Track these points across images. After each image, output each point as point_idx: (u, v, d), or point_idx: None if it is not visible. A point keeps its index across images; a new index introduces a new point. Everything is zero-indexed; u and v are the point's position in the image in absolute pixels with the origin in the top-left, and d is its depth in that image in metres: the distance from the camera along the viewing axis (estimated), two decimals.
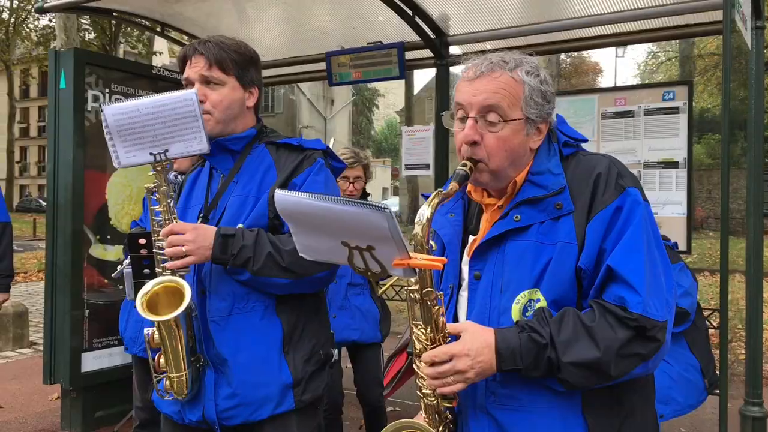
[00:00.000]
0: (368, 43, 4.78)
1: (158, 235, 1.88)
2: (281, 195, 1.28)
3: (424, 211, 1.32)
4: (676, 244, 3.52)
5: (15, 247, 4.18)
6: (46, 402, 5.01)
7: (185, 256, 1.83)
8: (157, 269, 1.91)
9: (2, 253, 3.83)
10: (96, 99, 4.31)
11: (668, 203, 3.86)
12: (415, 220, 1.31)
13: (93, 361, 4.33)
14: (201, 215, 1.98)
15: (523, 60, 1.47)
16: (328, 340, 2.06)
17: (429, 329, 1.38)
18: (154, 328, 1.89)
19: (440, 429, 1.48)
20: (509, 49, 4.46)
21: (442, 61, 4.62)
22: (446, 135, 4.69)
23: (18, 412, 4.88)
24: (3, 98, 43.09)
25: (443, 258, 1.32)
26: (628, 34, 4.17)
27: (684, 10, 3.73)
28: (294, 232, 1.35)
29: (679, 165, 3.85)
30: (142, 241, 2.18)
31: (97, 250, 4.33)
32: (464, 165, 1.42)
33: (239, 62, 1.97)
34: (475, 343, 1.35)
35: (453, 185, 1.40)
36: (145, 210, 3.45)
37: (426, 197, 1.41)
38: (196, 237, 1.84)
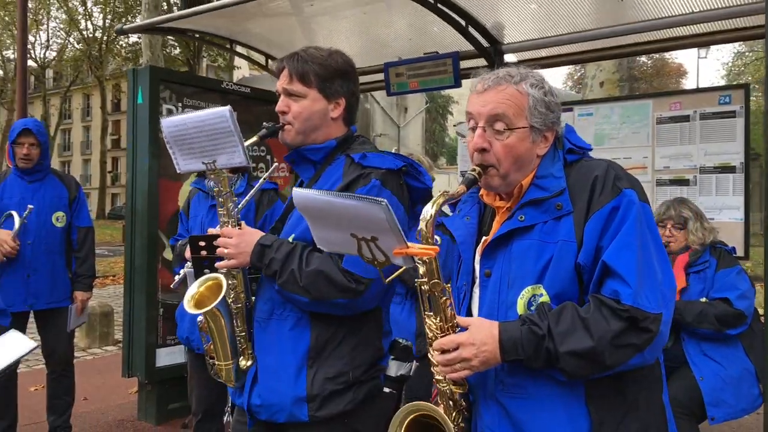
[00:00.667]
0: (425, 54, 4.92)
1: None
2: (297, 192, 1.44)
3: (429, 210, 1.45)
4: (733, 249, 3.49)
5: (105, 252, 4.55)
6: (126, 395, 5.38)
7: (229, 259, 1.95)
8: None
9: (85, 255, 4.17)
10: (170, 112, 4.64)
11: (725, 208, 3.81)
12: (420, 217, 1.45)
13: (166, 356, 4.65)
14: (279, 219, 2.09)
15: (528, 74, 1.59)
16: (367, 365, 1.96)
17: (438, 319, 1.51)
18: (204, 318, 2.03)
19: (454, 415, 1.60)
20: (566, 54, 4.54)
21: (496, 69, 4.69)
22: None
23: (100, 403, 5.27)
24: (97, 111, 45.83)
25: (436, 247, 1.44)
26: (700, 36, 4.06)
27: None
28: (312, 227, 1.50)
29: (736, 170, 3.79)
30: (202, 243, 2.41)
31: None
32: (473, 170, 1.55)
33: (322, 75, 1.98)
34: (479, 334, 1.47)
35: (460, 188, 1.53)
36: (181, 223, 3.69)
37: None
38: (239, 242, 1.93)
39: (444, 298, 1.49)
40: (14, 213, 3.82)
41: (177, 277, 3.01)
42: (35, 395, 5.09)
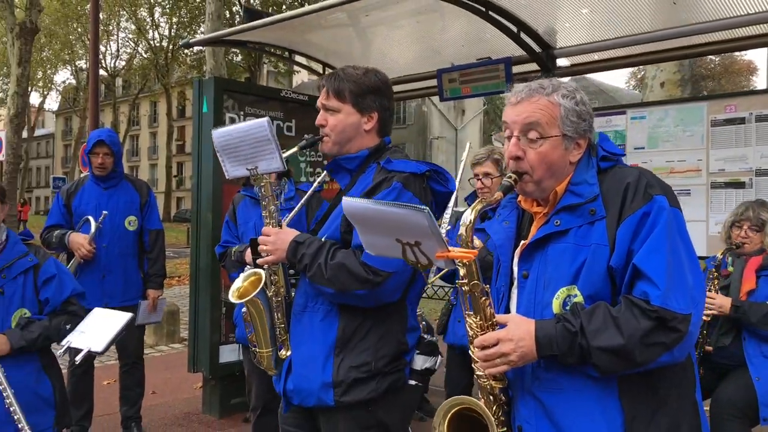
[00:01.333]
0: (477, 59, 5.00)
1: None
2: (347, 201, 1.58)
3: (468, 216, 1.57)
4: None
5: (171, 254, 4.81)
6: (191, 390, 5.65)
7: (268, 255, 2.16)
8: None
9: (156, 256, 4.44)
10: (233, 121, 4.87)
11: None
12: (461, 223, 1.56)
13: (229, 353, 4.87)
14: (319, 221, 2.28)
15: (560, 85, 1.68)
16: (389, 357, 2.10)
17: (479, 318, 1.62)
18: (246, 308, 2.25)
19: (494, 409, 1.71)
20: (619, 57, 4.54)
21: (549, 74, 4.74)
22: None
23: (167, 397, 5.56)
24: (163, 118, 47.46)
25: (474, 251, 1.55)
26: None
27: None
28: (360, 233, 1.64)
29: None
30: None
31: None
32: (509, 177, 1.65)
33: (355, 91, 2.15)
34: (517, 331, 1.57)
35: (498, 194, 1.63)
36: (228, 230, 3.90)
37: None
38: (276, 240, 2.14)
39: (483, 298, 1.60)
40: (91, 218, 4.11)
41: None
42: (109, 388, 5.40)
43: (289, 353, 2.22)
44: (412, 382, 2.21)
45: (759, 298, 3.28)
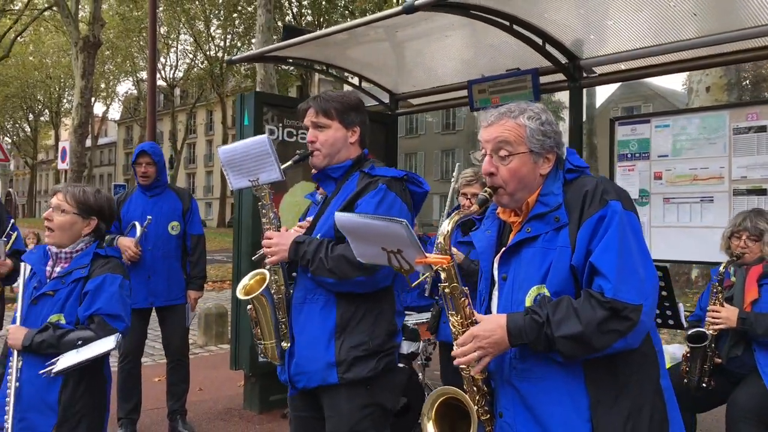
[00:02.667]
0: (507, 71, 5.15)
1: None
2: (339, 215, 1.82)
3: (446, 226, 1.77)
4: None
5: (224, 258, 5.11)
6: (235, 387, 5.95)
7: (272, 256, 2.42)
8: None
9: (197, 259, 4.76)
10: (272, 132, 5.15)
11: None
12: (438, 232, 1.76)
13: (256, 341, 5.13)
14: (309, 225, 2.54)
15: (527, 108, 1.91)
16: (383, 337, 2.38)
17: (459, 317, 1.81)
18: (252, 307, 2.46)
19: (478, 398, 1.89)
20: (646, 67, 4.61)
21: (575, 83, 4.85)
22: (580, 152, 4.89)
23: (213, 394, 5.87)
24: (218, 126, 48.78)
25: (448, 256, 1.77)
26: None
27: None
28: (351, 241, 1.87)
29: None
30: None
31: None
32: (485, 191, 1.86)
33: (340, 109, 2.48)
34: (489, 325, 1.78)
35: (474, 207, 1.84)
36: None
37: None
38: (278, 242, 2.41)
39: (463, 298, 1.79)
40: (137, 223, 4.45)
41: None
42: (158, 385, 5.73)
43: (289, 345, 2.45)
44: (400, 365, 2.44)
45: (763, 307, 3.33)
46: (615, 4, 4.23)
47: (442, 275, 1.78)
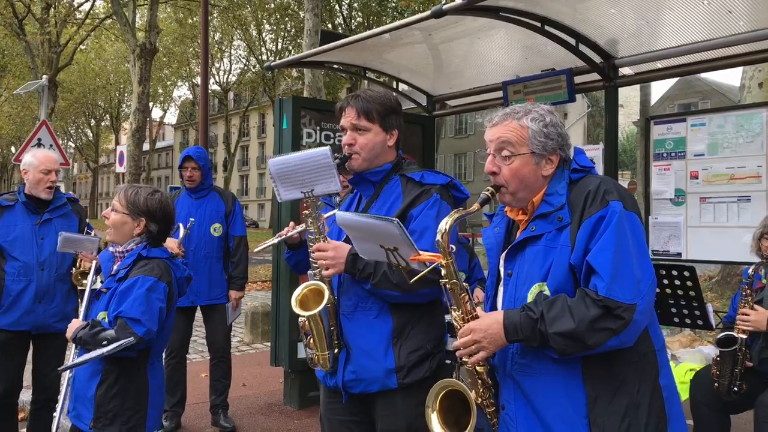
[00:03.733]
0: (542, 71, 5.15)
1: (311, 249, 2.44)
2: (339, 214, 1.90)
3: (444, 224, 1.84)
4: None
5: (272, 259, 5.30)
6: (277, 383, 6.11)
7: (328, 268, 2.37)
8: (310, 272, 2.50)
9: (239, 260, 4.93)
10: (309, 135, 5.30)
11: None
12: (437, 230, 1.83)
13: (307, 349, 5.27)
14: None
15: (531, 110, 1.94)
16: (437, 339, 2.43)
17: (460, 311, 1.88)
18: (306, 319, 2.43)
19: (482, 391, 1.96)
20: (681, 65, 4.55)
21: (610, 83, 4.82)
22: (615, 152, 4.88)
23: (256, 389, 6.06)
24: (270, 129, 49.51)
25: (439, 254, 1.83)
26: None
27: None
28: (353, 240, 1.95)
29: None
30: None
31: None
32: (487, 190, 1.92)
33: (381, 112, 2.44)
34: (486, 320, 1.84)
35: (475, 205, 1.90)
36: None
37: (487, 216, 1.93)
38: (335, 254, 2.35)
39: (462, 294, 1.86)
40: (180, 225, 4.65)
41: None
42: (204, 380, 5.93)
43: (338, 351, 2.45)
44: (447, 362, 2.48)
45: None
46: (648, 2, 4.20)
47: (443, 271, 1.85)
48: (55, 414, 2.67)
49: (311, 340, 2.47)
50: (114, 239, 2.83)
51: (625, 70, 4.90)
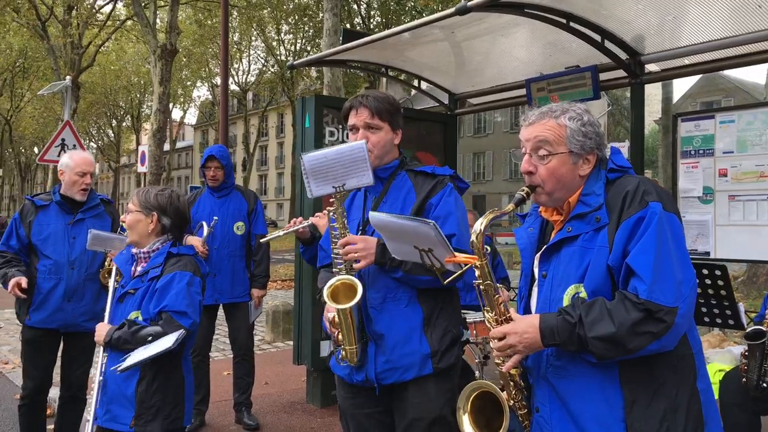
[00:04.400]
0: (566, 68, 5.10)
1: (335, 245, 2.47)
2: (374, 215, 1.88)
3: (479, 225, 1.81)
4: None
5: (293, 258, 5.31)
6: (299, 382, 6.13)
7: (357, 261, 2.41)
8: (333, 270, 2.50)
9: (261, 258, 4.94)
10: (332, 134, 5.29)
11: None
12: (472, 230, 1.81)
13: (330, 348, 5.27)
14: (360, 228, 2.58)
15: (569, 109, 1.90)
16: (458, 324, 2.58)
17: (494, 313, 1.85)
18: (335, 313, 2.46)
19: (514, 393, 1.93)
20: (710, 61, 4.48)
21: (636, 80, 4.76)
22: (642, 150, 4.81)
23: (278, 388, 6.07)
24: (289, 129, 49.81)
25: (475, 256, 1.80)
26: None
27: None
28: (386, 241, 1.94)
29: None
30: None
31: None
32: (522, 190, 1.89)
33: (391, 111, 2.58)
34: (522, 324, 1.81)
35: (510, 206, 1.87)
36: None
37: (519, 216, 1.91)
38: (365, 246, 2.41)
39: (496, 296, 1.83)
40: (204, 223, 4.67)
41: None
42: (227, 378, 5.97)
43: (365, 345, 2.50)
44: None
45: None
46: None
47: (476, 273, 1.83)
48: (88, 418, 2.68)
49: (339, 335, 2.51)
50: (134, 240, 2.91)
51: (652, 67, 4.82)
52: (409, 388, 2.48)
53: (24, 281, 3.79)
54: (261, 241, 3.04)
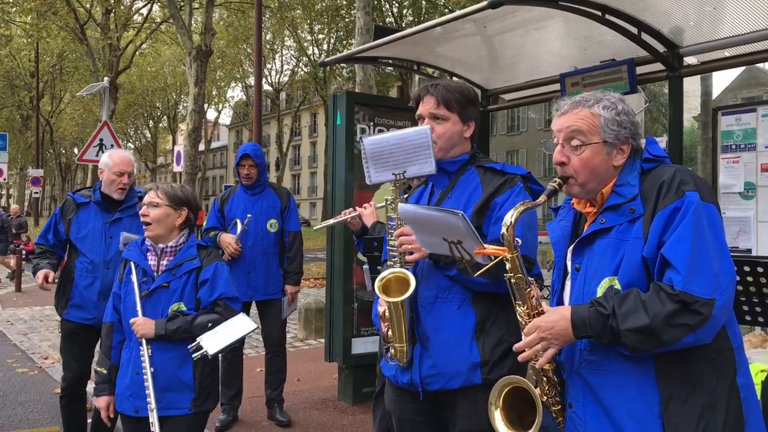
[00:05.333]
0: (601, 62, 5.00)
1: (391, 236, 2.36)
2: (402, 207, 1.86)
3: (510, 217, 1.77)
4: None
5: (325, 256, 5.35)
6: (331, 379, 6.13)
7: (412, 253, 2.27)
8: (389, 262, 2.40)
9: (294, 255, 4.95)
10: (363, 131, 5.29)
11: None
12: (503, 222, 1.77)
13: (361, 345, 5.27)
14: None
15: (603, 97, 1.85)
16: (517, 333, 2.23)
17: (525, 307, 1.82)
18: (386, 307, 2.34)
19: (547, 389, 1.89)
20: (753, 53, 4.36)
21: (675, 73, 4.64)
22: (680, 145, 4.69)
23: (310, 384, 6.09)
24: (321, 128, 50.12)
25: (505, 248, 1.76)
26: None
27: None
28: (415, 233, 1.90)
29: None
30: (375, 244, 2.94)
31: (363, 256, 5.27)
32: (554, 181, 1.84)
33: (461, 102, 2.40)
34: (553, 316, 1.77)
35: (542, 198, 1.82)
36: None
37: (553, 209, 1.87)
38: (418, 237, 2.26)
39: (528, 289, 1.79)
40: (238, 221, 4.70)
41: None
42: (260, 375, 5.99)
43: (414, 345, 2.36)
44: None
45: None
46: None
47: (507, 266, 1.79)
48: (152, 414, 2.72)
49: (389, 331, 2.38)
50: (158, 233, 2.94)
51: (690, 60, 4.70)
52: (458, 399, 2.31)
53: (52, 275, 3.89)
54: (316, 228, 3.39)
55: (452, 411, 2.33)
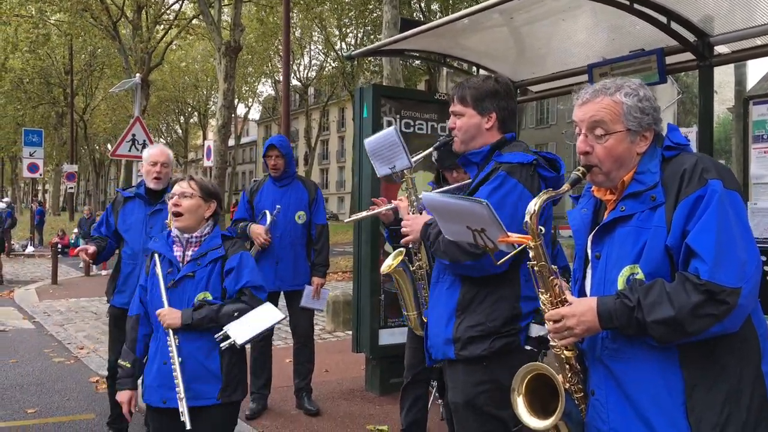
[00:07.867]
0: (630, 52, 4.95)
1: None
2: (426, 195, 1.89)
3: (533, 206, 1.78)
4: None
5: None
6: (359, 370, 6.18)
7: (408, 236, 2.69)
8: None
9: (321, 247, 5.00)
10: (389, 124, 5.30)
11: None
12: (526, 211, 1.78)
13: (388, 336, 5.31)
14: None
15: (624, 84, 1.84)
16: (503, 319, 2.40)
17: (549, 295, 1.83)
18: (396, 278, 2.96)
19: (570, 376, 1.90)
20: None
21: (705, 62, 4.58)
22: (711, 135, 4.63)
23: (338, 375, 6.15)
24: (349, 123, 50.10)
25: (529, 236, 1.77)
26: None
27: None
28: (439, 221, 1.94)
29: None
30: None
31: (390, 246, 5.30)
32: (577, 170, 1.84)
33: (475, 96, 2.54)
34: (579, 307, 1.77)
35: (565, 186, 1.84)
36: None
37: None
38: (412, 224, 2.65)
39: (551, 277, 1.81)
40: (267, 212, 4.77)
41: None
42: (288, 365, 6.06)
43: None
44: (528, 347, 2.41)
45: None
46: None
47: (531, 254, 1.80)
48: (181, 403, 2.77)
49: (403, 302, 2.90)
50: (188, 224, 2.99)
51: (721, 49, 4.63)
52: (446, 370, 2.60)
53: (91, 248, 4.17)
54: (346, 221, 3.52)
55: (445, 381, 2.65)
